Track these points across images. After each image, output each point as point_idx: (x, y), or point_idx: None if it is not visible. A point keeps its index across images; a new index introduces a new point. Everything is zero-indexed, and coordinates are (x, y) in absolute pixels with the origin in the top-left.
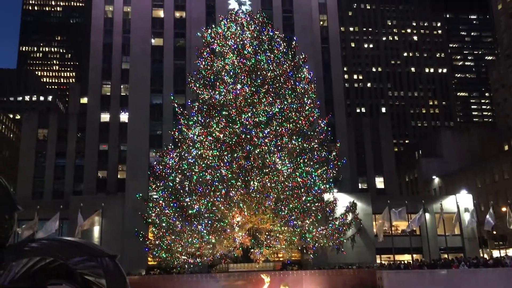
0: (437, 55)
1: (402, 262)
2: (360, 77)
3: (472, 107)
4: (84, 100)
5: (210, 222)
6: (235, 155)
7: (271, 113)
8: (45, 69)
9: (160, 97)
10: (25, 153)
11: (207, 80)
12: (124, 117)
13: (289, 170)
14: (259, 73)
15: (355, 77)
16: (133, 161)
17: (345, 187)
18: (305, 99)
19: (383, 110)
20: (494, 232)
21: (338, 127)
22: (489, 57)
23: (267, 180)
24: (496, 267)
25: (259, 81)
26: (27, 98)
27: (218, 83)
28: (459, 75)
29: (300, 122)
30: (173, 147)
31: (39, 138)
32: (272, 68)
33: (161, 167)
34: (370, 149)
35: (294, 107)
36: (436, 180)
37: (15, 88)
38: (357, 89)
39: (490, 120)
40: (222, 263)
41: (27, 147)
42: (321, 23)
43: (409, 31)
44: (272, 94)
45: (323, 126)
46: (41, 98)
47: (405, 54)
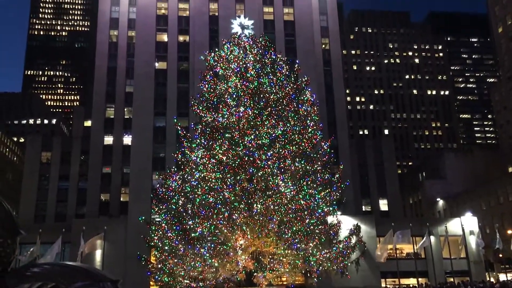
0: (438, 78)
1: (408, 286)
2: (363, 99)
3: (475, 129)
4: (88, 123)
5: (213, 245)
6: (238, 177)
7: (274, 135)
8: (50, 92)
9: (163, 119)
10: (29, 176)
11: (210, 102)
12: (127, 139)
13: (292, 193)
14: (262, 95)
15: (358, 99)
16: (136, 183)
17: (348, 210)
18: (308, 121)
19: (386, 132)
20: (501, 255)
21: (341, 149)
22: (491, 79)
23: (270, 203)
24: None
25: (262, 103)
26: (31, 121)
27: (221, 106)
28: (461, 97)
29: (303, 144)
30: (176, 169)
31: (42, 161)
32: (274, 91)
33: (164, 189)
34: (373, 171)
35: (297, 129)
36: (440, 202)
37: (20, 111)
38: (359, 111)
39: (493, 142)
40: (225, 287)
41: (30, 170)
42: (323, 46)
43: (410, 54)
44: (275, 117)
45: (326, 148)
46: (45, 121)
47: (406, 77)
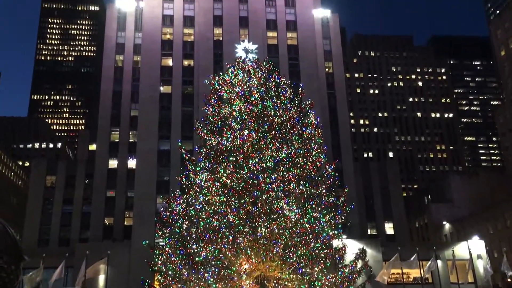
0: (442, 100)
1: None
2: (367, 122)
3: (480, 151)
4: (93, 147)
5: (217, 269)
6: (242, 201)
7: (278, 158)
8: (56, 116)
9: (168, 143)
10: (33, 200)
11: (215, 126)
12: (132, 163)
13: (297, 216)
14: (266, 119)
15: (362, 122)
16: (140, 207)
17: (354, 233)
18: (312, 144)
19: (391, 154)
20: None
21: (346, 172)
22: (495, 102)
23: (274, 226)
24: None
25: (266, 126)
26: (36, 145)
27: (225, 129)
28: (465, 119)
29: (308, 167)
30: (180, 193)
31: (47, 185)
32: (279, 114)
33: (168, 213)
34: (378, 194)
35: (301, 152)
36: (447, 225)
37: (25, 135)
38: (363, 134)
39: (498, 164)
40: None
41: (35, 194)
42: (327, 69)
43: (413, 77)
44: (279, 140)
45: (330, 171)
46: (50, 145)
47: (410, 100)
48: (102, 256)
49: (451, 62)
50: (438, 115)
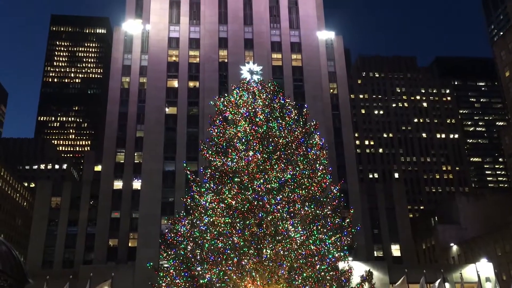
0: (447, 121)
1: None
2: (372, 143)
3: (487, 172)
4: (98, 168)
5: None
6: (247, 222)
7: (283, 179)
8: (62, 138)
9: (173, 164)
10: (38, 221)
11: (220, 147)
12: (137, 184)
13: (302, 238)
14: (271, 140)
15: (367, 142)
16: (144, 228)
17: (360, 255)
18: (317, 165)
19: (396, 175)
20: None
21: (351, 193)
22: (500, 123)
23: (280, 248)
24: None
25: (271, 147)
26: (42, 167)
27: (230, 150)
28: (471, 140)
29: (313, 188)
30: (185, 214)
31: (52, 206)
32: (283, 135)
33: (172, 235)
34: (384, 215)
35: (306, 173)
36: (454, 247)
37: (32, 157)
38: (369, 154)
39: (505, 185)
40: None
41: (39, 216)
42: (331, 91)
43: (418, 97)
44: (284, 161)
45: (336, 192)
46: (56, 167)
47: (415, 120)
48: (106, 278)
49: (455, 83)
50: (443, 135)
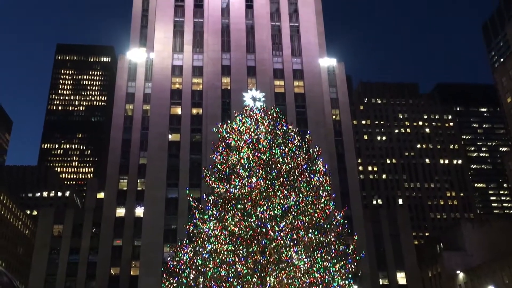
0: (450, 147)
1: None
2: (375, 169)
3: (491, 198)
4: (101, 195)
5: None
6: (251, 249)
7: (286, 206)
8: (65, 165)
9: (175, 191)
10: (39, 249)
11: (223, 173)
12: (139, 211)
13: (306, 265)
14: (274, 166)
15: (370, 168)
16: (147, 256)
17: (365, 283)
18: (320, 191)
19: (400, 201)
20: None
21: (355, 219)
22: (504, 148)
23: (283, 276)
24: None
25: (274, 174)
26: (45, 194)
27: (233, 177)
28: (474, 166)
29: (316, 215)
30: (187, 241)
31: (54, 234)
32: (286, 161)
33: (175, 263)
34: (389, 242)
35: (310, 199)
36: (461, 275)
37: (35, 184)
38: (372, 180)
39: (510, 211)
40: None
41: (41, 243)
42: (334, 117)
43: (420, 123)
44: (287, 187)
45: (339, 218)
46: (59, 194)
47: (418, 146)
48: None
49: (457, 109)
50: (446, 161)
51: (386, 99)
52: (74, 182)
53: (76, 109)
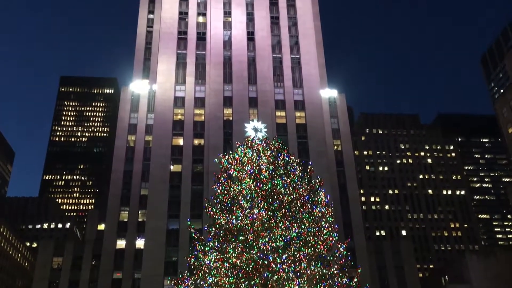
0: (453, 177)
1: None
2: (378, 200)
3: (496, 229)
4: (101, 227)
5: None
6: (253, 282)
7: (288, 237)
8: (66, 196)
9: (177, 222)
10: (38, 282)
11: (224, 204)
12: (140, 243)
13: None
14: (275, 197)
15: (372, 199)
16: None
17: None
18: (323, 222)
19: (404, 233)
20: None
21: (358, 251)
22: (506, 179)
23: None
24: None
25: (276, 205)
26: (45, 226)
27: (235, 208)
28: (478, 197)
29: (319, 246)
30: (188, 274)
31: (53, 267)
32: (288, 192)
33: None
34: (393, 274)
35: (312, 231)
36: None
37: (35, 216)
38: (375, 211)
39: None
40: None
41: (40, 276)
42: (335, 147)
43: (422, 154)
44: (289, 218)
45: (342, 250)
46: (59, 226)
47: (420, 177)
48: None
49: (459, 139)
50: (449, 192)
51: (387, 129)
52: (74, 214)
53: (78, 140)
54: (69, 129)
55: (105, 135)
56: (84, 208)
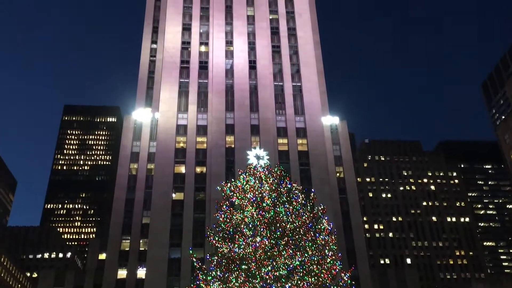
0: (457, 204)
1: None
2: (381, 227)
3: (502, 257)
4: (103, 256)
5: None
6: None
7: (291, 266)
8: (67, 225)
9: (178, 251)
10: None
11: (226, 233)
12: (141, 272)
13: None
14: (278, 225)
15: (376, 226)
16: None
17: None
18: (326, 251)
19: (408, 261)
20: None
21: (362, 279)
22: (511, 206)
23: None
24: None
25: (278, 233)
26: (46, 255)
27: (237, 236)
28: (482, 224)
29: (322, 275)
30: None
31: None
32: (291, 220)
33: None
34: None
35: (315, 259)
36: None
37: (36, 245)
38: (379, 239)
39: None
40: None
41: None
42: (338, 174)
43: (425, 180)
44: (292, 246)
45: (346, 279)
46: (60, 255)
47: (424, 204)
48: None
49: (462, 166)
50: (454, 219)
51: (390, 156)
52: (76, 243)
53: (80, 168)
54: (72, 157)
55: (107, 163)
56: (86, 237)
